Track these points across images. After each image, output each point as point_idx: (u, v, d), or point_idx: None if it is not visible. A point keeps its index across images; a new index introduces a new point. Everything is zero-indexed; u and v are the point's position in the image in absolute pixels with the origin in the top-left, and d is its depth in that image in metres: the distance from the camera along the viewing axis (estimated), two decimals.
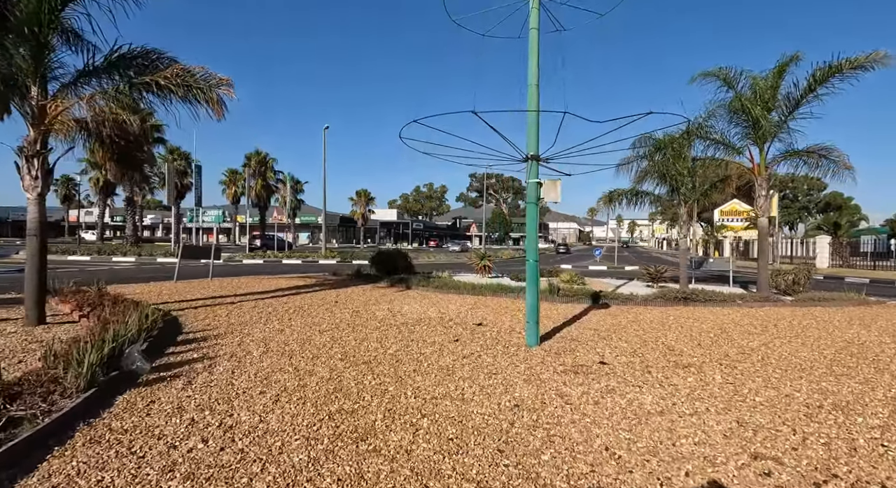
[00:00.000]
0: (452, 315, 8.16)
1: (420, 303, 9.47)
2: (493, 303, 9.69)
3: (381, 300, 9.89)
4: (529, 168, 5.74)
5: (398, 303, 9.55)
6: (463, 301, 9.96)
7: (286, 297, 9.95)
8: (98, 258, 22.31)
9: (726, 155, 11.00)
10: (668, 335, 6.55)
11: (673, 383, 4.30)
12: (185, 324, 6.89)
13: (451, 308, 8.97)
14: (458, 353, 5.35)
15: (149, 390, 3.92)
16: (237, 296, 10.02)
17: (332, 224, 61.44)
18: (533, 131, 5.72)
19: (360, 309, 8.66)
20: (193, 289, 10.97)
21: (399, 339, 6.08)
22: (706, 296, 9.47)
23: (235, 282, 12.89)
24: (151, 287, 11.23)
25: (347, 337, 6.20)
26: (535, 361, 5.02)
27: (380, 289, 11.86)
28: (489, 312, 8.53)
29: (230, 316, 7.61)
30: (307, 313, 8.07)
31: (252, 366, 4.74)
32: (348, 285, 12.61)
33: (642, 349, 5.65)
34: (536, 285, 5.76)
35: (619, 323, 7.56)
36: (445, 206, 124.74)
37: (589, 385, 4.18)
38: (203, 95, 6.67)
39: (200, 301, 9.12)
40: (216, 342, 5.73)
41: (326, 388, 4.07)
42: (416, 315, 8.09)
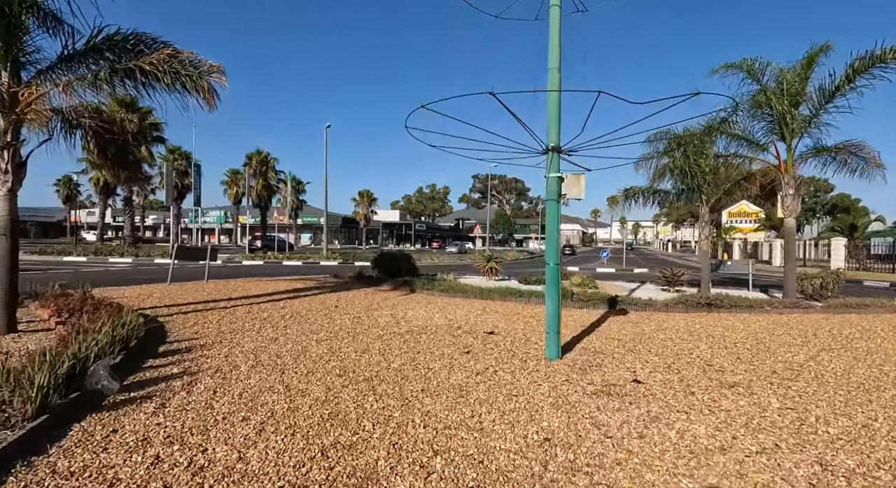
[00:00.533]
0: (461, 321, 7.57)
1: (425, 309, 8.88)
2: (502, 309, 9.09)
3: (384, 304, 9.31)
4: (550, 161, 5.15)
5: (402, 307, 8.97)
6: (471, 306, 9.37)
7: (283, 301, 9.38)
8: (94, 259, 21.85)
9: (749, 151, 10.38)
10: (701, 346, 5.94)
11: (724, 408, 3.69)
12: (170, 331, 6.33)
13: (459, 313, 8.38)
14: (471, 368, 4.76)
15: (113, 416, 3.34)
16: (231, 299, 9.46)
17: (334, 225, 60.99)
18: (554, 121, 5.13)
19: (361, 314, 8.08)
20: (186, 292, 10.42)
21: (404, 351, 5.50)
22: (731, 302, 8.85)
23: (232, 284, 12.34)
24: (143, 289, 10.69)
25: (347, 347, 5.62)
26: (558, 379, 4.42)
27: (382, 293, 11.29)
28: (500, 318, 7.93)
29: (221, 322, 7.04)
30: (304, 319, 7.49)
31: (238, 383, 4.16)
32: (350, 288, 12.04)
33: (677, 364, 5.04)
34: (558, 291, 5.17)
35: (642, 331, 6.95)
36: (448, 207, 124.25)
37: (627, 411, 3.58)
38: (192, 83, 6.12)
39: (192, 305, 8.56)
40: (201, 353, 5.16)
41: (321, 413, 3.48)
42: (422, 321, 7.50)
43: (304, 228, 63.31)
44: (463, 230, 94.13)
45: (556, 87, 5.10)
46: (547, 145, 5.17)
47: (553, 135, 5.13)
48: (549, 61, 5.20)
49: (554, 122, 5.13)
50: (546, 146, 5.18)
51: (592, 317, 8.24)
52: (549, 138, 5.17)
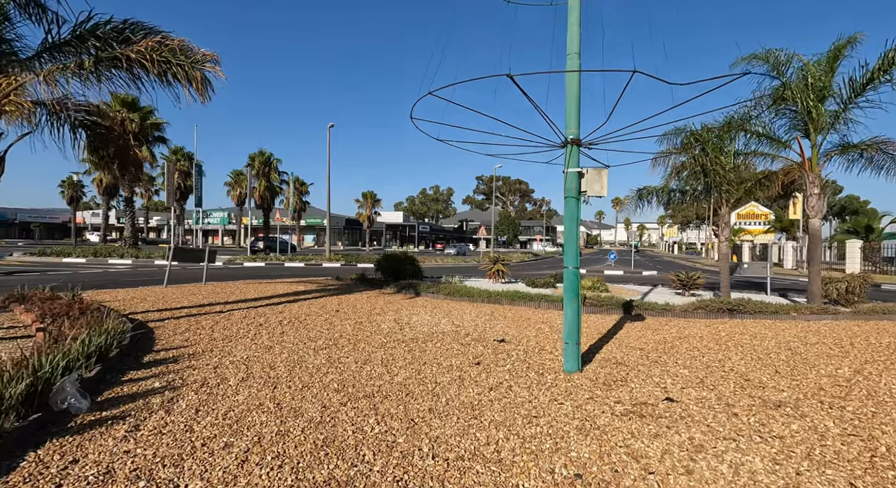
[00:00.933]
0: (468, 328, 7.12)
1: (430, 313, 8.44)
2: (511, 314, 8.63)
3: (388, 309, 8.87)
4: (568, 155, 4.70)
5: (406, 312, 8.53)
6: (478, 310, 8.92)
7: (282, 305, 8.97)
8: (94, 260, 21.57)
9: (770, 149, 9.88)
10: (732, 357, 5.45)
11: (776, 433, 3.22)
12: (159, 338, 5.92)
13: (466, 319, 7.93)
14: (483, 383, 4.31)
15: (76, 441, 2.92)
16: (228, 303, 9.06)
17: (337, 226, 60.72)
18: (573, 110, 4.69)
19: (363, 319, 7.65)
20: (182, 295, 10.03)
21: (408, 361, 5.05)
22: (754, 308, 8.34)
23: (230, 287, 11.95)
24: (137, 292, 10.32)
25: (347, 357, 5.19)
26: (581, 396, 3.96)
27: (386, 296, 10.86)
28: (509, 324, 7.47)
29: (214, 328, 6.63)
30: (303, 325, 7.07)
31: (224, 400, 3.73)
32: (352, 291, 11.61)
33: (710, 378, 4.56)
34: (577, 298, 4.71)
35: (664, 339, 6.47)
36: (452, 209, 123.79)
37: (666, 437, 3.12)
38: (184, 73, 5.73)
39: (185, 310, 8.16)
40: (189, 364, 4.74)
41: (314, 439, 3.05)
42: (427, 327, 7.06)
43: (308, 230, 63.09)
44: (466, 231, 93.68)
45: (576, 75, 4.65)
46: (565, 138, 4.73)
47: (572, 127, 4.68)
48: (568, 46, 4.76)
49: (573, 113, 4.69)
50: (564, 138, 4.73)
51: (608, 324, 7.76)
52: (567, 130, 4.73)
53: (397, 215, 79.58)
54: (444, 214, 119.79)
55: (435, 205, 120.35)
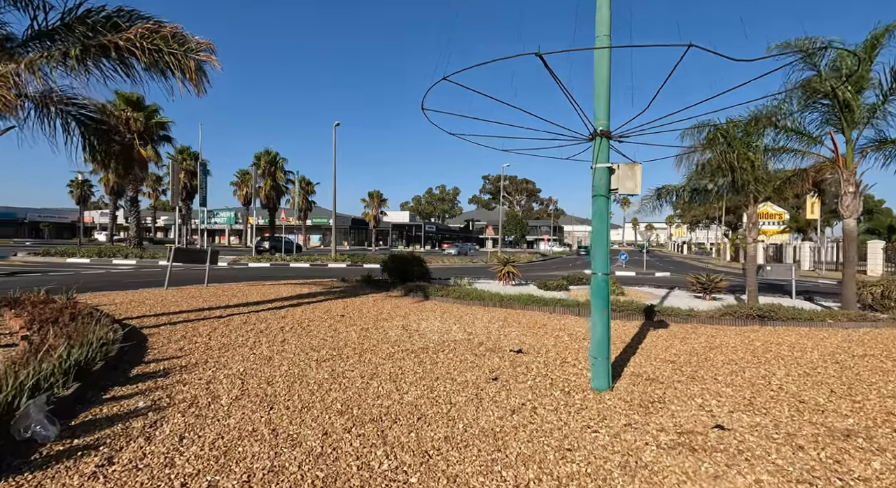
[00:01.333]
0: (481, 335, 6.66)
1: (440, 318, 7.99)
2: (525, 319, 8.16)
3: (395, 313, 8.44)
4: (597, 149, 4.22)
5: (415, 317, 8.08)
6: (490, 315, 8.45)
7: (285, 309, 8.56)
8: (98, 260, 21.39)
9: (801, 145, 9.30)
10: (776, 372, 4.94)
11: (858, 475, 2.73)
12: (152, 347, 5.53)
13: (478, 325, 7.47)
14: (504, 404, 3.84)
15: (35, 480, 2.50)
16: (229, 307, 8.67)
17: (343, 226, 60.51)
18: (603, 99, 4.21)
19: (369, 325, 7.22)
20: (182, 298, 9.67)
21: (419, 376, 4.61)
22: (787, 314, 7.79)
23: (233, 289, 11.59)
24: (136, 295, 9.97)
25: (352, 371, 4.75)
26: (617, 421, 3.49)
27: (393, 299, 10.42)
28: (525, 332, 7.00)
29: (212, 336, 6.23)
30: (306, 331, 6.65)
31: (214, 424, 3.31)
32: (358, 294, 11.20)
33: (759, 398, 4.06)
34: (607, 308, 4.23)
35: (694, 350, 5.96)
36: (458, 209, 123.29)
37: (728, 479, 2.64)
38: (177, 63, 5.32)
39: (184, 314, 7.78)
40: (180, 378, 4.33)
41: (313, 477, 2.60)
42: (438, 335, 6.61)
43: (314, 229, 62.97)
44: (473, 231, 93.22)
45: (607, 57, 4.17)
46: (594, 129, 4.25)
47: (602, 118, 4.20)
48: (597, 27, 4.27)
49: (603, 102, 4.21)
50: (592, 130, 4.25)
51: (630, 331, 7.26)
52: (596, 121, 4.25)
53: (403, 215, 79.29)
54: (450, 214, 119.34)
55: (441, 205, 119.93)
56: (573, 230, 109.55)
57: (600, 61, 4.20)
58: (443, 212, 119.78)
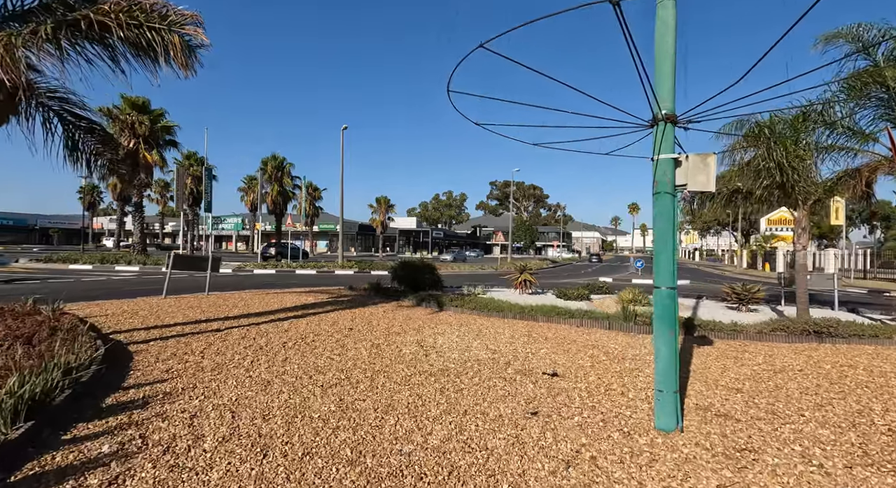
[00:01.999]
0: (507, 353, 5.91)
1: (458, 333, 7.25)
2: (552, 334, 7.39)
3: (408, 326, 7.71)
4: (660, 136, 3.50)
5: (430, 331, 7.35)
6: (512, 329, 7.69)
7: (289, 322, 7.88)
8: (100, 267, 20.94)
9: (851, 143, 8.49)
10: (873, 406, 4.13)
11: None
12: (136, 367, 4.85)
13: (501, 340, 6.72)
14: (553, 451, 3.10)
15: None
16: (228, 319, 8.01)
17: (350, 232, 60.12)
18: (667, 76, 3.49)
19: (381, 341, 6.50)
20: (179, 308, 9.03)
21: (443, 408, 3.87)
22: (848, 331, 6.96)
23: (235, 298, 10.95)
24: (131, 304, 9.35)
25: (363, 400, 4.03)
26: (708, 481, 2.72)
27: (404, 309, 9.70)
28: (554, 349, 6.24)
29: (205, 353, 5.55)
30: (311, 348, 5.95)
31: (190, 482, 2.60)
32: (367, 303, 10.50)
33: (872, 446, 3.27)
34: (675, 332, 3.48)
35: (756, 374, 5.17)
36: (465, 215, 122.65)
37: None
38: (160, 39, 4.68)
39: (179, 327, 7.12)
40: (160, 410, 3.64)
41: None
42: (458, 353, 5.87)
43: (320, 235, 62.63)
44: (480, 237, 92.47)
45: (672, 26, 3.46)
46: (656, 113, 3.53)
47: (666, 99, 3.49)
48: None
49: (667, 79, 3.49)
50: (656, 114, 3.53)
51: None
52: (660, 103, 3.53)
53: (410, 221, 78.80)
54: (457, 220, 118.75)
55: (448, 211, 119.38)
56: (582, 236, 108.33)
57: (663, 34, 3.49)
58: (450, 218, 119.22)
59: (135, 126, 21.97)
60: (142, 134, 22.28)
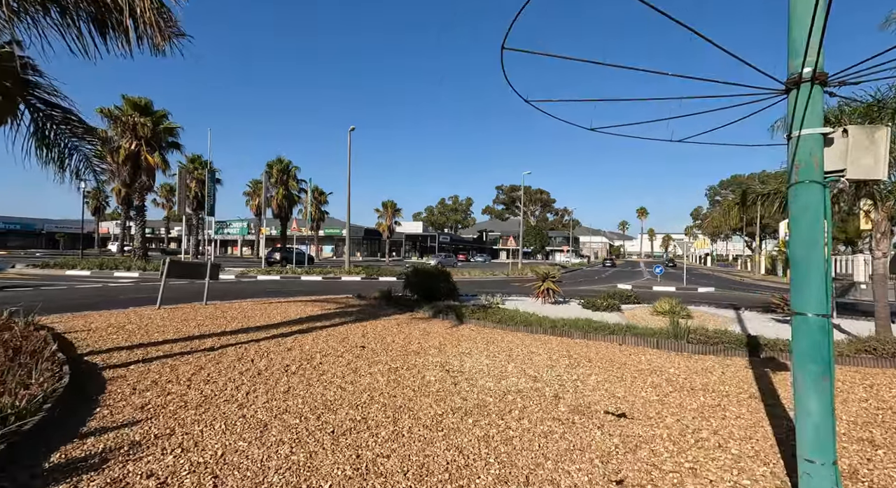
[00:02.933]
0: (551, 381, 4.94)
1: (486, 352, 6.28)
2: (594, 354, 6.41)
3: (427, 343, 6.76)
4: (802, 103, 2.54)
5: (453, 349, 6.39)
6: (547, 348, 6.71)
7: (293, 337, 6.96)
8: (99, 273, 20.19)
9: None
10: None
11: None
12: (105, 403, 3.94)
13: (539, 363, 5.74)
14: None
15: None
16: (226, 334, 7.10)
17: (356, 236, 59.38)
18: (803, 27, 2.54)
19: (398, 364, 5.55)
20: (172, 321, 8.14)
21: (496, 474, 2.91)
22: None
23: (235, 308, 10.06)
24: (120, 316, 8.48)
25: (388, 457, 3.08)
26: None
27: (420, 322, 8.75)
28: (605, 375, 5.25)
29: (192, 381, 4.63)
30: (318, 373, 5.02)
31: None
32: (378, 315, 9.56)
33: None
34: (831, 376, 2.49)
35: (874, 416, 4.15)
36: (471, 219, 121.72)
37: None
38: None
39: (167, 345, 6.22)
40: (119, 474, 2.71)
41: None
42: (492, 381, 4.91)
43: (326, 240, 61.97)
44: (486, 242, 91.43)
45: None
46: (796, 71, 2.57)
47: (812, 53, 2.53)
48: None
49: (802, 31, 2.53)
50: (796, 73, 2.57)
51: (744, 375, 5.46)
52: (794, 60, 2.58)
53: (416, 225, 78.03)
54: (463, 225, 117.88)
55: (454, 216, 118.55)
56: (590, 241, 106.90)
57: None
58: (455, 223, 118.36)
59: (136, 127, 21.31)
60: (144, 135, 21.62)
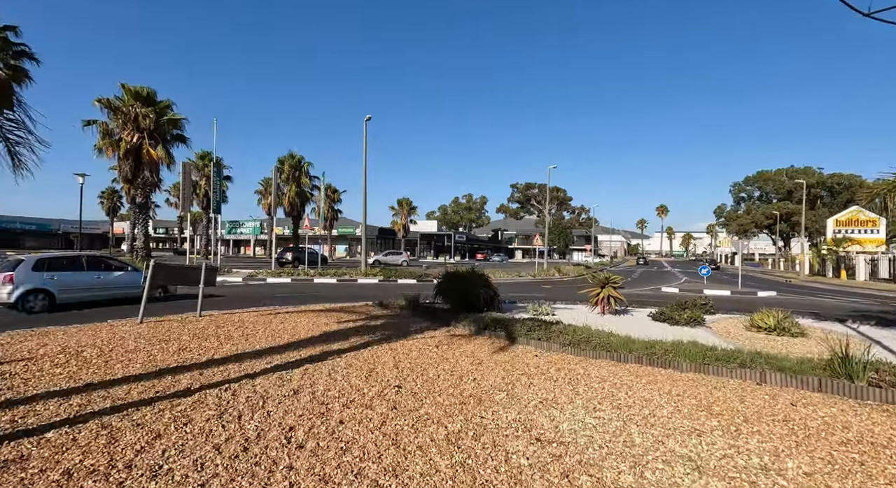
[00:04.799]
0: (726, 474, 2.94)
1: (582, 400, 4.30)
2: (740, 404, 4.37)
3: (487, 381, 4.80)
4: None
5: (528, 393, 4.43)
6: (659, 389, 4.70)
7: (301, 370, 5.08)
8: None
9: None
10: None
11: None
12: None
13: (674, 424, 3.75)
14: None
15: None
16: (212, 365, 5.25)
17: (370, 236, 57.79)
18: None
19: (457, 423, 3.62)
20: (150, 342, 6.35)
21: None
22: None
23: (235, 320, 8.26)
24: (86, 335, 6.71)
25: None
26: None
27: (462, 342, 6.81)
28: (791, 449, 3.24)
29: (133, 470, 2.76)
30: (337, 452, 3.11)
31: None
32: (408, 330, 7.66)
33: None
34: None
35: None
36: (485, 218, 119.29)
37: None
38: None
39: (127, 386, 4.40)
40: None
41: None
42: (627, 468, 2.94)
43: (340, 240, 60.53)
44: (502, 241, 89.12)
45: None
46: None
47: None
48: None
49: None
50: None
51: None
52: None
53: (431, 224, 76.26)
54: (477, 224, 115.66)
55: (468, 214, 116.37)
56: (610, 240, 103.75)
57: None
58: (469, 222, 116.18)
59: (138, 119, 19.79)
60: (146, 128, 20.10)
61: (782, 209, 62.48)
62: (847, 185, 64.25)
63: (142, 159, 20.27)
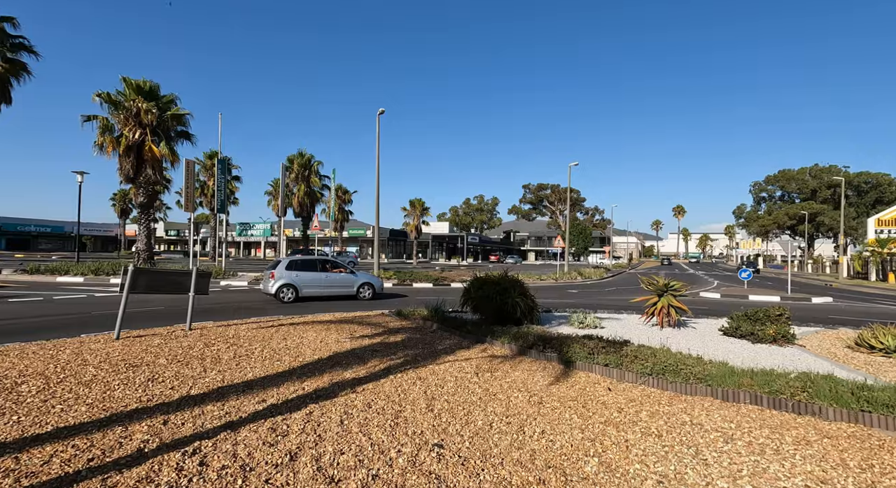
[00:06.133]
0: None
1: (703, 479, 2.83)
2: None
3: (564, 440, 3.36)
4: None
5: (637, 470, 2.97)
6: (845, 466, 3.20)
7: (304, 412, 3.69)
8: (93, 279, 17.65)
9: None
10: None
11: None
12: None
13: None
14: None
15: None
16: (185, 404, 3.89)
17: (382, 237, 56.64)
18: None
19: None
20: (115, 369, 5.03)
21: None
22: None
23: (228, 336, 6.94)
24: (39, 357, 5.43)
25: None
26: None
27: (506, 366, 5.38)
28: None
29: None
30: None
31: None
32: (436, 349, 6.26)
33: None
34: None
35: None
36: (497, 219, 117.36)
37: None
38: None
39: (50, 447, 3.05)
40: None
41: None
42: None
43: (350, 241, 59.50)
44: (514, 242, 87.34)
45: None
46: None
47: None
48: None
49: None
50: None
51: None
52: None
53: (443, 226, 74.90)
54: (489, 225, 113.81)
55: (479, 216, 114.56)
56: (627, 242, 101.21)
57: None
58: (481, 223, 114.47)
59: (140, 114, 18.76)
60: (149, 123, 19.07)
61: (807, 208, 59.89)
62: (875, 184, 61.36)
63: (144, 157, 19.23)
